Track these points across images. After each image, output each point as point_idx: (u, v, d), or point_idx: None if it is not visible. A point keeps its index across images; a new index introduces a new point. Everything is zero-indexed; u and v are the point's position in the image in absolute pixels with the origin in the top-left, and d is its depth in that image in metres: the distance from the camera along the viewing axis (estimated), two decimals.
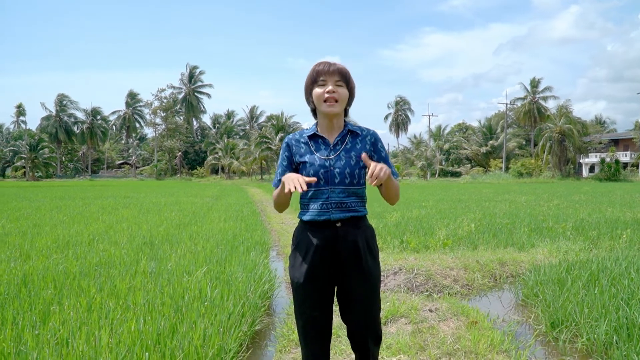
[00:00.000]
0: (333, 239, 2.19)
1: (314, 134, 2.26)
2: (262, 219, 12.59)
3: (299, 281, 2.24)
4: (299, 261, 2.25)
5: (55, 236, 8.04)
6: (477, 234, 8.47)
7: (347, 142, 2.24)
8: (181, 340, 3.13)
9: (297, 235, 2.31)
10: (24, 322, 3.46)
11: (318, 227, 2.21)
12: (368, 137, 2.27)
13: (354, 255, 2.20)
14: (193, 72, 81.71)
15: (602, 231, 8.71)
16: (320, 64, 2.20)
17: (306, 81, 2.24)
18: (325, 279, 2.24)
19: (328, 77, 2.16)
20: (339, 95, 2.16)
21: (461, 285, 5.53)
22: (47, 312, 3.78)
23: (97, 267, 5.50)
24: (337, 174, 2.18)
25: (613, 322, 3.62)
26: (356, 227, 2.23)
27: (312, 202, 2.23)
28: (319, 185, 2.19)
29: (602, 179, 46.89)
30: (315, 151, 2.23)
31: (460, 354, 3.37)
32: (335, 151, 2.22)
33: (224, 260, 5.94)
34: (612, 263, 5.39)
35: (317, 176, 2.18)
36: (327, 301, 2.27)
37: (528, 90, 63.45)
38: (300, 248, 2.26)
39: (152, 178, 72.71)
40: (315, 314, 2.24)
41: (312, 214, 2.22)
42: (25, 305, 3.93)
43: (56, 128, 75.02)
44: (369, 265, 2.23)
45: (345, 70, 2.20)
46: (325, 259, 2.20)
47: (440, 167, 66.95)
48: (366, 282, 2.23)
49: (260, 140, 55.60)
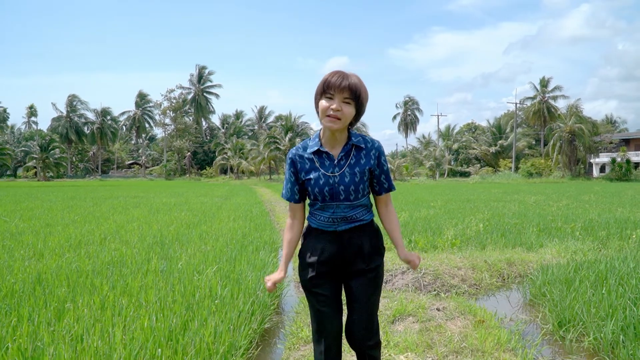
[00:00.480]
0: (338, 244, 2.27)
1: (318, 149, 2.25)
2: (271, 218, 12.66)
3: (307, 283, 2.34)
4: (307, 262, 2.33)
5: (67, 235, 8.16)
6: (485, 234, 8.48)
7: (352, 157, 2.25)
8: (193, 337, 3.20)
9: (305, 237, 2.39)
10: (40, 319, 3.54)
11: (325, 233, 2.29)
12: (372, 152, 2.27)
13: (359, 258, 2.28)
14: (202, 72, 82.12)
15: (611, 231, 8.69)
16: (334, 75, 2.13)
17: (317, 87, 2.19)
18: (332, 278, 2.32)
19: (337, 93, 2.10)
20: (343, 114, 2.12)
21: (469, 285, 5.56)
22: (61, 309, 3.87)
23: (109, 266, 5.59)
24: (342, 191, 2.22)
25: (620, 321, 3.64)
26: (361, 231, 2.30)
27: (319, 213, 2.29)
28: (324, 200, 2.25)
29: (613, 178, 46.53)
30: (320, 167, 2.25)
31: (467, 352, 3.41)
32: (340, 167, 2.23)
33: (234, 259, 6.01)
34: (620, 263, 5.40)
35: (322, 194, 2.23)
36: (335, 299, 2.35)
37: (538, 89, 63.12)
38: (308, 249, 2.34)
39: (161, 178, 73.16)
40: (325, 310, 2.32)
41: (320, 224, 2.30)
42: (40, 302, 4.01)
43: (67, 128, 75.70)
44: (373, 266, 2.30)
45: (357, 87, 2.12)
46: (330, 261, 2.28)
47: (449, 167, 66.75)
48: (369, 283, 2.30)
49: (269, 140, 55.77)
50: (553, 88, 62.68)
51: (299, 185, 2.33)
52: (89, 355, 2.91)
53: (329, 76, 2.14)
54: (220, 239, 7.74)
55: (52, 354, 2.89)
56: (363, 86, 2.16)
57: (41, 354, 2.90)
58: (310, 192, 2.27)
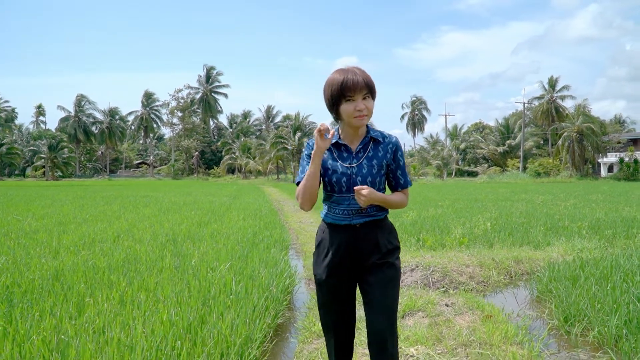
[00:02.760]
0: (354, 238, 2.28)
1: (337, 142, 2.30)
2: (280, 218, 12.79)
3: (321, 278, 2.35)
4: (321, 259, 2.35)
5: (80, 234, 8.32)
6: (493, 232, 8.57)
7: (370, 150, 2.29)
8: (211, 330, 3.33)
9: (320, 234, 2.40)
10: (61, 314, 3.68)
11: (340, 228, 2.30)
12: (390, 146, 2.32)
13: (375, 253, 2.28)
14: (210, 72, 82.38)
15: (618, 230, 8.75)
16: (347, 74, 2.15)
17: (330, 91, 2.20)
18: (347, 275, 2.33)
19: (356, 93, 2.14)
20: (368, 110, 2.18)
21: (477, 282, 5.67)
22: (81, 304, 4.01)
23: (124, 263, 5.73)
24: (359, 182, 2.24)
25: (624, 316, 3.75)
26: (376, 226, 2.30)
27: (334, 206, 2.31)
28: (341, 192, 2.27)
29: (621, 178, 46.32)
30: (338, 158, 2.29)
31: (476, 344, 3.52)
32: (357, 159, 2.27)
33: (246, 257, 6.14)
34: (625, 260, 5.49)
35: (339, 184, 2.26)
36: (349, 296, 2.39)
37: (546, 89, 62.87)
38: (323, 246, 2.36)
39: (169, 177, 73.51)
40: (337, 308, 2.37)
41: (334, 218, 2.31)
42: (60, 298, 4.15)
43: (75, 128, 76.20)
44: (389, 262, 2.29)
45: (370, 81, 2.18)
46: (346, 257, 2.29)
47: (456, 167, 66.65)
48: (385, 278, 2.28)
49: (276, 140, 55.93)
50: (561, 88, 62.43)
51: None
52: (111, 347, 3.04)
53: (342, 77, 2.15)
54: (231, 237, 7.87)
55: (77, 346, 3.02)
56: (369, 75, 2.21)
57: (67, 346, 3.03)
58: (327, 182, 2.30)
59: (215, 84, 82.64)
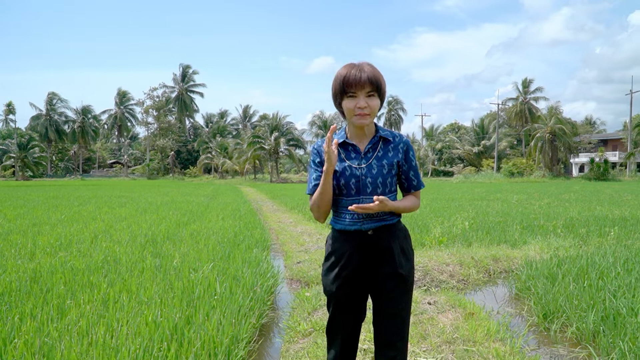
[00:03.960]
0: (366, 247, 2.14)
1: (344, 141, 2.18)
2: (259, 218, 12.76)
3: (331, 290, 2.21)
4: (332, 270, 2.21)
5: (56, 235, 8.16)
6: (471, 231, 8.70)
7: (379, 149, 2.17)
8: (198, 330, 3.31)
9: (330, 244, 2.26)
10: (43, 316, 3.62)
11: (350, 235, 2.16)
12: (401, 146, 2.19)
13: (388, 260, 2.14)
14: (186, 71, 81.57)
15: (591, 228, 8.98)
16: (351, 70, 2.05)
17: (334, 86, 2.11)
18: (358, 285, 2.20)
19: (358, 89, 2.03)
20: (371, 109, 2.06)
21: (457, 280, 5.75)
22: (62, 306, 3.95)
23: (104, 264, 5.65)
24: (369, 184, 2.12)
25: (600, 312, 3.86)
26: (389, 232, 2.16)
27: (343, 211, 2.17)
28: (350, 195, 2.14)
29: (592, 178, 47.44)
30: (346, 159, 2.16)
31: (460, 342, 3.59)
32: (366, 159, 2.15)
33: (228, 257, 6.12)
34: (600, 258, 5.65)
35: (348, 186, 2.14)
36: (359, 306, 2.26)
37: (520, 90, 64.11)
38: (333, 256, 2.21)
39: (143, 177, 72.54)
40: (347, 320, 2.25)
41: (344, 224, 2.17)
42: (40, 300, 4.08)
43: (46, 127, 74.74)
44: (403, 270, 2.15)
45: (376, 77, 2.05)
46: (357, 267, 2.16)
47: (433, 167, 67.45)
48: (399, 287, 2.15)
49: (253, 139, 55.68)
50: (534, 89, 63.75)
51: None
52: (97, 349, 3.00)
53: (345, 72, 2.06)
54: (211, 238, 7.83)
55: (62, 349, 2.98)
56: (379, 73, 2.09)
57: (52, 348, 2.99)
58: (336, 185, 2.16)
59: (191, 83, 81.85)
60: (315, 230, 10.02)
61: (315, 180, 2.21)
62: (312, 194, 2.22)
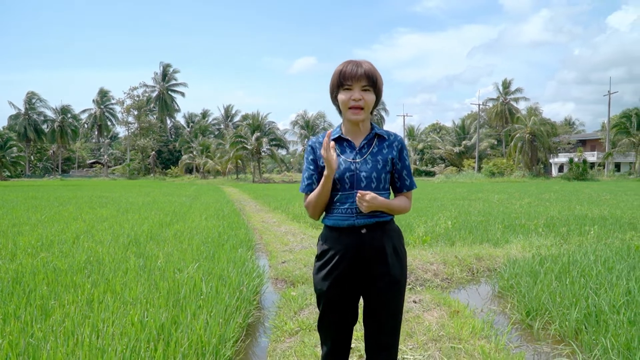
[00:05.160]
0: (358, 246, 2.12)
1: (339, 137, 2.19)
2: (243, 218, 12.72)
3: (322, 289, 2.19)
4: (323, 269, 2.19)
5: (37, 235, 8.03)
6: (454, 230, 8.79)
7: (374, 146, 2.18)
8: (185, 330, 3.30)
9: (322, 242, 2.23)
10: (27, 317, 3.57)
11: (342, 233, 2.14)
12: (395, 144, 2.21)
13: (380, 261, 2.13)
14: (167, 70, 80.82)
15: (571, 227, 9.14)
16: (348, 64, 2.08)
17: (331, 81, 2.13)
18: (350, 285, 2.17)
19: (354, 82, 2.05)
20: (365, 102, 2.08)
21: (441, 279, 5.81)
22: (46, 306, 3.90)
23: (87, 265, 5.59)
24: (364, 178, 2.12)
25: (583, 309, 3.93)
26: (382, 230, 2.15)
27: (336, 207, 2.16)
28: (344, 189, 2.13)
29: (571, 178, 48.17)
30: (341, 154, 2.16)
31: (445, 339, 3.63)
32: (361, 154, 2.15)
33: (213, 257, 6.10)
34: (581, 256, 5.75)
35: (342, 180, 2.13)
36: (351, 306, 2.23)
37: (500, 91, 64.90)
38: (325, 256, 2.19)
39: (124, 177, 71.75)
40: (338, 319, 2.23)
41: (336, 219, 2.15)
42: (23, 301, 4.02)
43: (25, 126, 73.45)
44: (395, 271, 2.14)
45: (373, 72, 2.08)
46: (350, 267, 2.14)
47: (414, 167, 67.86)
48: (391, 288, 2.14)
49: (235, 139, 55.41)
50: (514, 90, 64.64)
51: (318, 174, 2.21)
52: (83, 350, 2.97)
53: (343, 67, 2.08)
54: (195, 238, 7.78)
55: (48, 350, 2.95)
56: (377, 71, 2.12)
57: (37, 349, 2.95)
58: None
59: (172, 82, 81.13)
60: (299, 230, 10.02)
61: (308, 180, 2.22)
62: (305, 192, 2.23)
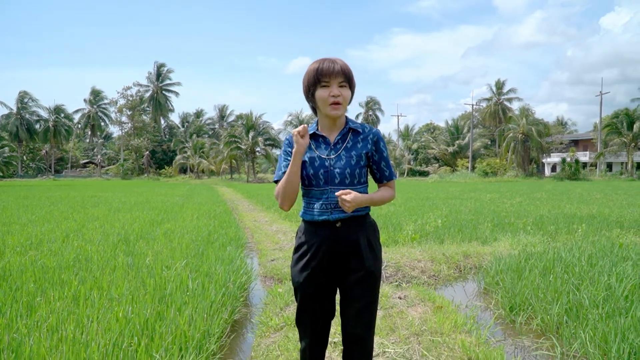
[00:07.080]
0: (334, 239, 2.17)
1: (315, 133, 2.23)
2: (235, 217, 12.73)
3: (298, 281, 2.25)
4: (300, 261, 2.25)
5: (27, 234, 8.03)
6: (443, 229, 8.85)
7: (349, 140, 2.22)
8: (169, 325, 3.32)
9: (298, 237, 2.30)
10: (12, 313, 3.58)
11: (318, 227, 2.19)
12: (370, 137, 2.23)
13: (355, 254, 2.18)
14: (161, 70, 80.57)
15: (560, 226, 9.22)
16: (323, 62, 2.11)
17: (307, 79, 2.16)
18: (326, 278, 2.23)
19: (332, 79, 2.10)
20: (344, 98, 2.12)
21: (428, 276, 5.86)
22: (32, 303, 3.91)
23: (75, 262, 5.60)
24: (337, 174, 2.16)
25: (564, 304, 3.99)
26: (357, 224, 2.20)
27: (312, 202, 2.21)
28: (319, 185, 2.18)
29: (563, 177, 48.46)
30: (316, 149, 2.21)
31: (427, 333, 3.67)
32: (335, 150, 2.19)
33: (201, 254, 6.12)
34: (566, 253, 5.81)
35: (317, 176, 2.17)
36: (328, 299, 2.29)
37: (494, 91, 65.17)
38: (302, 248, 2.25)
39: (117, 178, 71.50)
40: (314, 311, 2.28)
41: (312, 214, 2.20)
42: (9, 297, 4.03)
43: (17, 126, 73.03)
44: (369, 263, 2.19)
45: (348, 69, 2.13)
46: (324, 259, 2.19)
47: (408, 167, 68.05)
48: (365, 280, 2.19)
49: (229, 139, 55.34)
50: (508, 90, 64.95)
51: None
52: (67, 345, 2.99)
53: (318, 64, 2.12)
54: (185, 236, 7.80)
55: (31, 344, 2.96)
56: (349, 67, 2.17)
57: (20, 343, 2.97)
58: (305, 176, 2.19)
59: (166, 82, 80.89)
60: (290, 228, 10.06)
61: (285, 168, 2.22)
62: (279, 180, 2.23)
